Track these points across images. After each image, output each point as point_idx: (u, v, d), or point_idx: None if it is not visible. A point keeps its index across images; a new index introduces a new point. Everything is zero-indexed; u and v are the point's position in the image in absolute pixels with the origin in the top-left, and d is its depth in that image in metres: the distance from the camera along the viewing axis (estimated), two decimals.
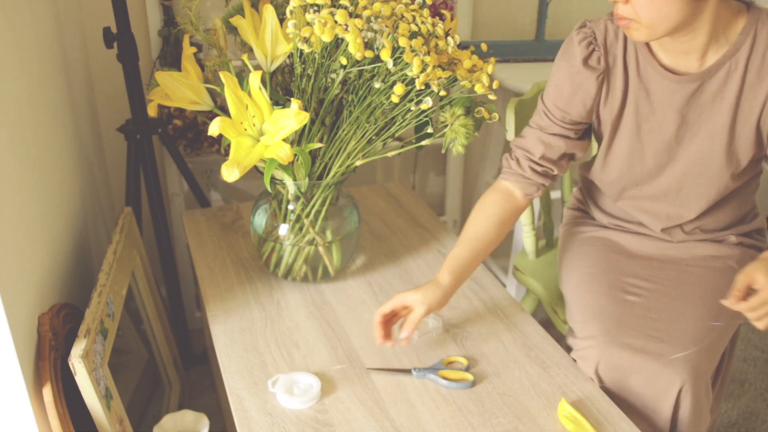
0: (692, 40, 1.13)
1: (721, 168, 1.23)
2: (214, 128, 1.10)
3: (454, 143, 1.22)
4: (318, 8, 1.17)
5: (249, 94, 1.15)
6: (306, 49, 1.15)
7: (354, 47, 1.11)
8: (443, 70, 1.18)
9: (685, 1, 1.05)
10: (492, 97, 1.23)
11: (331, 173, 1.31)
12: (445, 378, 1.18)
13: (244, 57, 1.24)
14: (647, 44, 1.20)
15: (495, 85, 1.22)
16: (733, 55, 1.14)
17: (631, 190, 1.34)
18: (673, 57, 1.18)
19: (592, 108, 1.27)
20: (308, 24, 1.15)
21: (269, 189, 1.22)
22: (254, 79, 1.12)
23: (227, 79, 1.13)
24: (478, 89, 1.19)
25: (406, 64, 1.14)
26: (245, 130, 1.16)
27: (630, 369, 1.20)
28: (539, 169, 1.31)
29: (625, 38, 1.21)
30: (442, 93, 1.16)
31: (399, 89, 1.13)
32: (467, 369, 1.22)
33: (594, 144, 1.51)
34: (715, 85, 1.17)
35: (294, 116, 1.12)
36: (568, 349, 1.30)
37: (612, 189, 1.37)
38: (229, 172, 1.11)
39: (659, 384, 1.18)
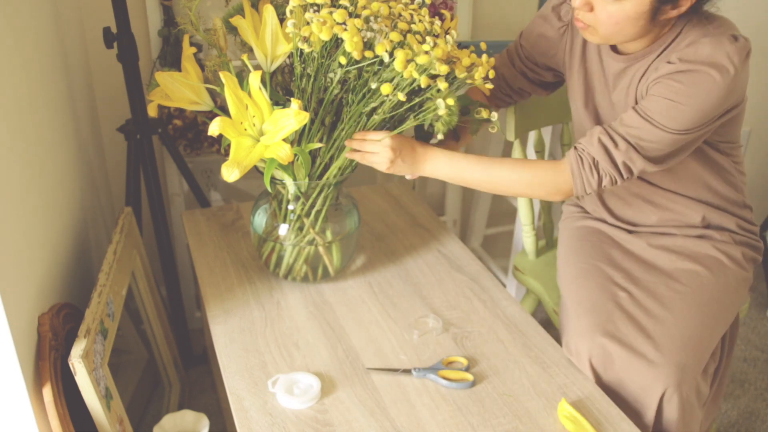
0: (633, 44, 1.22)
1: None
2: (214, 128, 1.10)
3: (436, 123, 1.22)
4: (318, 8, 1.17)
5: (249, 94, 1.15)
6: (306, 49, 1.15)
7: (351, 46, 1.11)
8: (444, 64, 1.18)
9: (645, 24, 1.12)
10: (494, 124, 1.26)
11: (333, 173, 1.31)
12: (445, 378, 1.18)
13: (244, 57, 1.24)
14: None
15: (491, 75, 1.23)
16: (657, 48, 1.19)
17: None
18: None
19: (553, 55, 1.37)
20: (308, 23, 1.15)
21: (269, 189, 1.22)
22: (254, 79, 1.12)
23: (227, 79, 1.13)
24: (477, 76, 1.20)
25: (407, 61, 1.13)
26: (245, 130, 1.16)
27: (620, 362, 1.21)
28: (502, 90, 1.46)
29: None
30: (443, 86, 1.15)
31: (386, 89, 1.12)
32: (467, 369, 1.22)
33: None
34: (634, 70, 1.23)
35: (294, 116, 1.12)
36: (561, 343, 1.31)
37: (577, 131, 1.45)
38: (229, 172, 1.11)
39: (644, 383, 1.19)
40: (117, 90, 1.88)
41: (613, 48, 1.26)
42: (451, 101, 1.15)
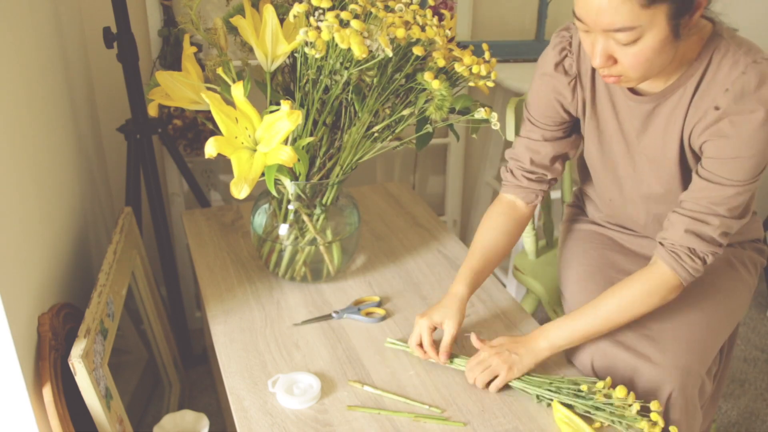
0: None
1: (681, 190, 1.22)
2: (210, 150, 1.09)
3: (429, 108, 1.21)
4: (323, 11, 1.17)
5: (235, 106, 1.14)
6: (316, 55, 1.14)
7: (359, 51, 1.11)
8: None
9: (673, 46, 1.04)
10: (494, 126, 1.24)
11: (336, 172, 1.31)
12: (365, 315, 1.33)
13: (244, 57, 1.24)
14: None
15: (493, 76, 1.24)
16: (686, 82, 1.12)
17: (611, 197, 1.35)
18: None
19: (566, 110, 1.28)
20: (311, 27, 1.15)
21: (273, 192, 1.22)
22: (236, 90, 1.12)
23: (211, 98, 1.12)
24: (476, 70, 1.20)
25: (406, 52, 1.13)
26: (242, 143, 1.15)
27: (623, 366, 1.20)
28: (533, 176, 1.32)
29: None
30: (440, 61, 1.14)
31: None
32: (379, 305, 1.37)
33: None
34: (668, 108, 1.15)
35: (287, 117, 1.11)
36: None
37: (600, 194, 1.39)
38: (239, 189, 1.10)
39: (650, 386, 1.18)
40: (117, 90, 1.88)
41: (632, 90, 1.19)
42: (437, 83, 1.15)
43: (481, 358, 1.19)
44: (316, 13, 1.18)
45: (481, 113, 1.23)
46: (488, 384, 1.18)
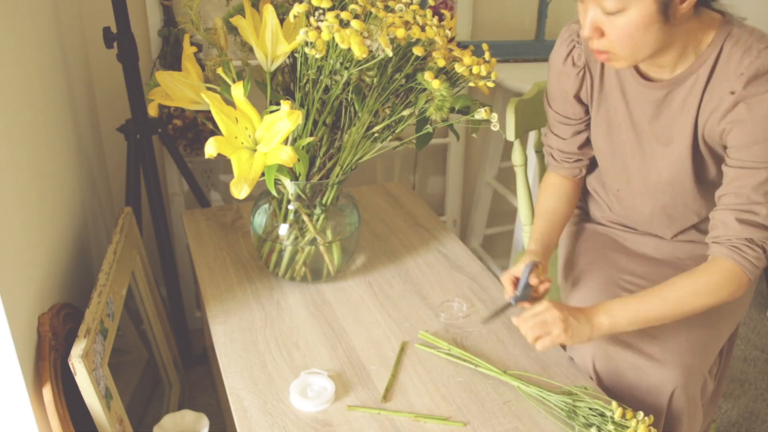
0: (664, 56, 1.14)
1: (690, 178, 1.22)
2: (210, 150, 1.09)
3: (429, 108, 1.21)
4: (323, 11, 1.17)
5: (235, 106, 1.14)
6: (316, 55, 1.14)
7: (359, 50, 1.11)
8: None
9: (661, 28, 1.05)
10: (494, 127, 1.25)
11: (336, 172, 1.31)
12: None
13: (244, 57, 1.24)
14: None
15: (494, 76, 1.25)
16: (698, 68, 1.13)
17: (618, 187, 1.36)
18: (647, 66, 1.19)
19: (580, 100, 1.32)
20: (312, 27, 1.15)
21: (273, 192, 1.22)
22: (237, 90, 1.12)
23: (211, 98, 1.12)
24: (476, 70, 1.21)
25: (406, 51, 1.13)
26: (242, 144, 1.15)
27: (624, 365, 1.20)
28: (571, 159, 1.38)
29: None
30: (440, 61, 1.14)
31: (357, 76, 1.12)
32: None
33: None
34: (681, 95, 1.17)
35: (287, 117, 1.11)
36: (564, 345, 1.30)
37: (607, 185, 1.40)
38: (239, 189, 1.10)
39: (652, 384, 1.18)
40: (117, 90, 1.87)
41: (644, 77, 1.20)
42: (437, 83, 1.15)
43: (538, 310, 1.15)
44: (316, 13, 1.18)
45: (481, 113, 1.23)
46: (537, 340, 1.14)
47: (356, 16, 1.17)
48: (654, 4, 1.02)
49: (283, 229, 1.38)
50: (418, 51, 1.17)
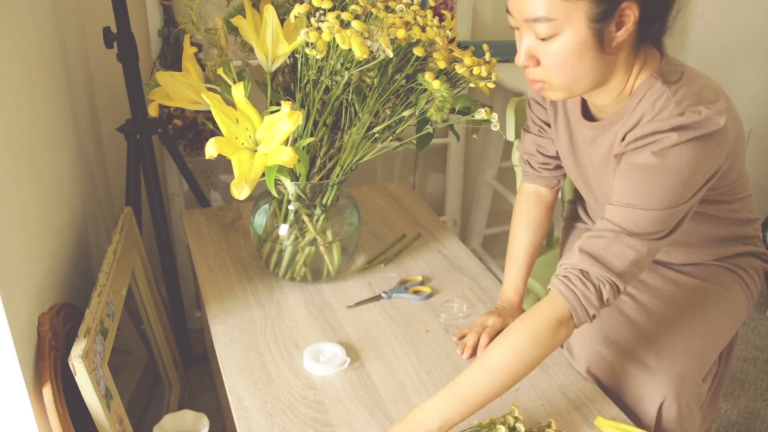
0: (601, 94, 1.11)
1: None
2: (211, 150, 1.09)
3: (430, 110, 1.21)
4: (324, 12, 1.17)
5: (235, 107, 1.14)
6: (317, 55, 1.14)
7: (360, 51, 1.11)
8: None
9: (596, 56, 1.02)
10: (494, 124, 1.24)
11: (337, 172, 1.31)
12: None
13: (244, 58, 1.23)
14: None
15: (494, 77, 1.25)
16: (621, 118, 1.11)
17: (587, 197, 1.36)
18: (591, 104, 1.18)
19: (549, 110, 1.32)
20: (312, 27, 1.15)
21: (273, 193, 1.22)
22: (237, 90, 1.12)
23: (211, 99, 1.12)
24: (476, 71, 1.21)
25: (406, 52, 1.14)
26: (242, 144, 1.15)
27: (619, 368, 1.20)
28: (549, 166, 1.37)
29: None
30: (440, 62, 1.15)
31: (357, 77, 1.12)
32: (422, 283, 1.43)
33: None
34: (608, 140, 1.14)
35: (287, 118, 1.11)
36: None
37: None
38: (239, 190, 1.10)
39: (643, 391, 1.18)
40: (117, 90, 1.88)
41: (586, 114, 1.18)
42: (438, 84, 1.15)
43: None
44: (317, 14, 1.18)
45: (481, 114, 1.23)
46: None
47: (357, 17, 1.17)
48: (587, 30, 0.98)
49: (284, 230, 1.38)
50: (418, 51, 1.17)
